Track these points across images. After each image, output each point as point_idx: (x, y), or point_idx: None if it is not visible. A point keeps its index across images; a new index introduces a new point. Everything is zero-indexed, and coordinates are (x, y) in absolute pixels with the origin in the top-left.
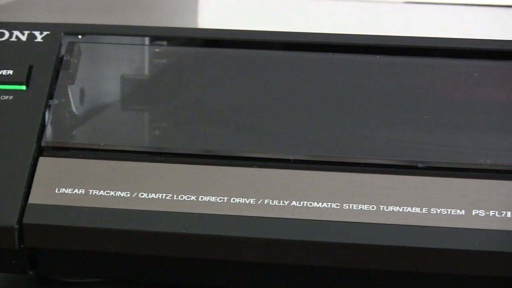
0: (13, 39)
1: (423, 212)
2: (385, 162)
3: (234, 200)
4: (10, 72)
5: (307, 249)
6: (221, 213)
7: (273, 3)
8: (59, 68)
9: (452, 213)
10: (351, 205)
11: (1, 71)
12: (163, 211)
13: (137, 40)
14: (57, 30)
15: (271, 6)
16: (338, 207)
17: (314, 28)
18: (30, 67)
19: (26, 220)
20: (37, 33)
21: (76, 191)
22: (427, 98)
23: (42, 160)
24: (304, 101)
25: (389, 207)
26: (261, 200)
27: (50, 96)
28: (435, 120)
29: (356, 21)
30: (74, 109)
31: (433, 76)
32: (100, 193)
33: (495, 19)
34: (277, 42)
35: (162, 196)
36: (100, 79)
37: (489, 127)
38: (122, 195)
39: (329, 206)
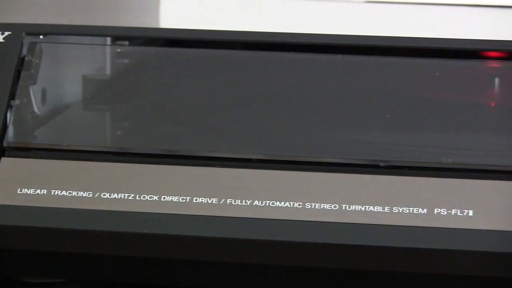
0: None
1: (385, 211)
2: (347, 161)
3: (196, 200)
4: None
5: (269, 249)
6: (183, 213)
7: (235, 2)
8: (20, 69)
9: (414, 212)
10: (313, 204)
11: None
12: (126, 211)
13: (98, 40)
14: (18, 30)
15: (232, 6)
16: (301, 206)
17: (275, 28)
18: None
19: None
20: None
21: (38, 191)
22: (389, 97)
23: (4, 160)
24: (266, 101)
25: (351, 206)
26: (223, 199)
27: (12, 96)
28: (396, 119)
29: (316, 20)
30: (36, 110)
31: (394, 75)
32: (63, 193)
33: (456, 18)
34: (238, 41)
35: (124, 196)
36: (62, 79)
37: (450, 126)
38: (84, 195)
39: (291, 206)
